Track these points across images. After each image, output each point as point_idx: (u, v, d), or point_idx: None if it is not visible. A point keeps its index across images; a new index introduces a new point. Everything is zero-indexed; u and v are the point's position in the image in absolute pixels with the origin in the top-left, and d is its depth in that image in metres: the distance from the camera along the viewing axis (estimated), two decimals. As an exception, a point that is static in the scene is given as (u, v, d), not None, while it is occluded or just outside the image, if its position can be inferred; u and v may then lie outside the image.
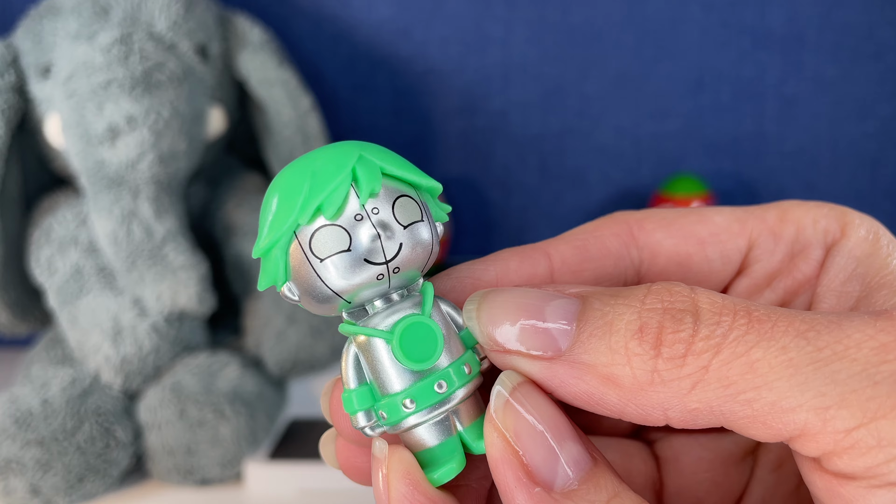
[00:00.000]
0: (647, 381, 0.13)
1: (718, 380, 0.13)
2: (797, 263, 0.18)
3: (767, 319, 0.13)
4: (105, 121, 0.44)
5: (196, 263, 0.45)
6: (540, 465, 0.14)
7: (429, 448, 0.16)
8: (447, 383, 0.16)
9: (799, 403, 0.12)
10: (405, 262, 0.16)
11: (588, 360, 0.14)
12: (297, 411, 0.49)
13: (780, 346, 0.12)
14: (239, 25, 0.52)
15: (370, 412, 0.16)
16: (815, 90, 0.64)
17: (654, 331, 0.13)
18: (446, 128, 0.65)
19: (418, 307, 0.16)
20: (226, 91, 0.51)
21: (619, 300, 0.14)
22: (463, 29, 0.63)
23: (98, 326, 0.45)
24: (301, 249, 0.16)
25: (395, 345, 0.16)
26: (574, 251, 0.18)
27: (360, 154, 0.16)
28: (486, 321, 0.15)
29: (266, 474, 0.43)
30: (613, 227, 0.19)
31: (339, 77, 0.64)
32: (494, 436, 0.14)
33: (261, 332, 0.48)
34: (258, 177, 0.56)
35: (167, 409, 0.43)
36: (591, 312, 0.14)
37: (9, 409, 0.42)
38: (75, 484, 0.41)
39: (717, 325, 0.13)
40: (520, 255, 0.18)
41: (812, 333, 0.12)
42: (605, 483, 0.14)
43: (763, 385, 0.12)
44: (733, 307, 0.13)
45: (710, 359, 0.13)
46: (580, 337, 0.14)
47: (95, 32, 0.45)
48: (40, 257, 0.48)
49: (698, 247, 0.18)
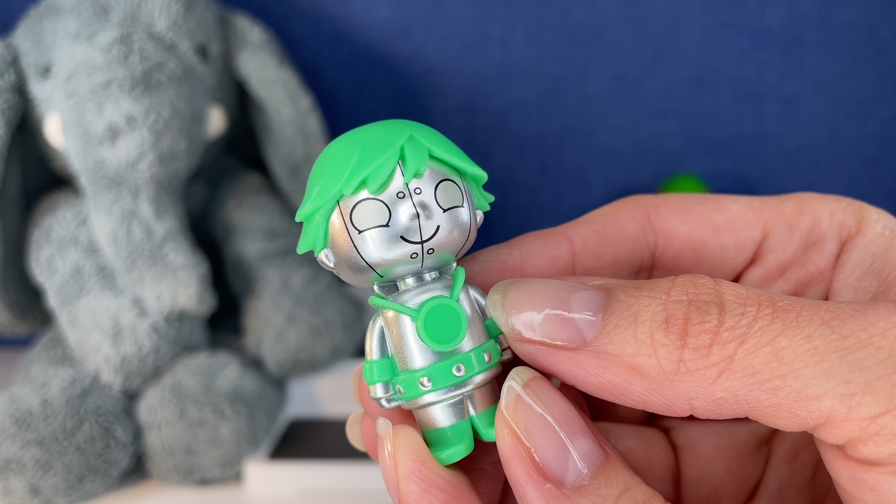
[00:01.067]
0: (673, 371, 0.13)
1: (744, 368, 0.13)
2: (811, 255, 0.18)
3: (792, 309, 0.13)
4: (105, 121, 0.44)
5: (196, 263, 0.45)
6: (551, 461, 0.14)
7: (440, 428, 0.16)
8: (466, 367, 0.16)
9: (825, 391, 0.12)
10: (440, 244, 0.16)
11: (614, 351, 0.14)
12: (297, 411, 0.49)
13: (805, 335, 0.12)
14: (239, 25, 0.52)
15: (388, 385, 0.17)
16: (815, 90, 0.64)
17: (679, 321, 0.13)
18: (446, 128, 0.65)
19: (448, 290, 0.16)
20: (226, 91, 0.51)
21: (644, 292, 0.14)
22: (463, 29, 0.63)
23: (98, 326, 0.45)
24: (342, 218, 0.16)
25: (420, 324, 0.16)
26: (594, 234, 0.19)
27: (410, 134, 0.16)
28: (511, 310, 0.15)
29: (266, 474, 0.43)
30: (631, 211, 0.19)
31: (339, 77, 0.64)
32: (505, 432, 0.14)
33: (261, 332, 0.48)
34: (258, 177, 0.56)
35: (167, 409, 0.43)
36: (616, 304, 0.14)
37: (9, 409, 0.42)
38: (75, 484, 0.41)
39: (742, 316, 0.13)
40: (543, 238, 0.19)
41: (836, 322, 0.12)
42: (616, 477, 0.14)
43: (788, 373, 0.12)
44: (757, 298, 0.13)
45: (736, 348, 0.13)
46: (605, 327, 0.14)
47: (95, 32, 0.45)
48: (40, 257, 0.48)
49: (713, 233, 0.19)
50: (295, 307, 0.48)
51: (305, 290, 0.48)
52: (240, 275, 0.52)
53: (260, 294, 0.50)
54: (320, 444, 0.45)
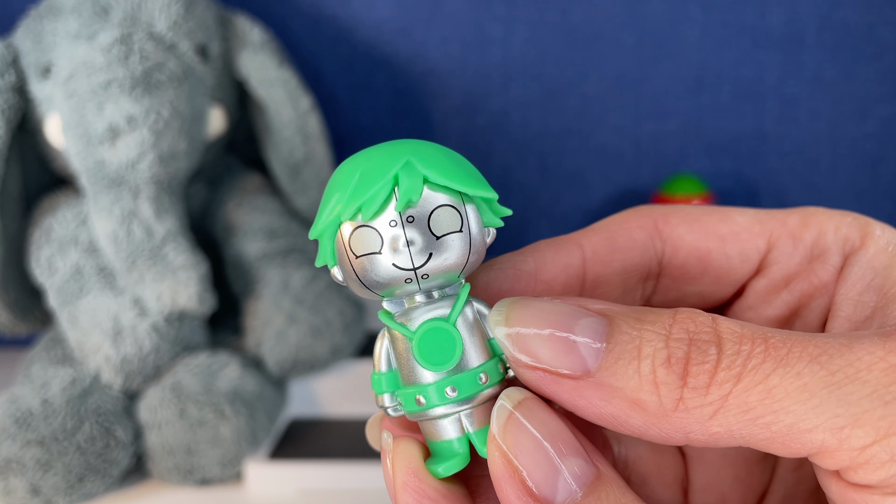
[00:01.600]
0: (672, 408, 0.14)
1: (738, 406, 0.13)
2: (815, 268, 0.19)
3: (783, 346, 0.13)
4: (105, 121, 0.44)
5: (196, 263, 0.45)
6: (541, 483, 0.14)
7: (439, 441, 0.17)
8: (459, 389, 0.16)
9: (815, 425, 0.13)
10: (434, 270, 0.16)
11: (616, 384, 0.14)
12: (298, 411, 0.49)
13: (796, 373, 0.13)
14: (239, 25, 0.52)
15: (393, 396, 0.17)
16: (815, 90, 0.64)
17: (681, 361, 0.14)
18: (446, 128, 0.65)
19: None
20: (226, 91, 0.51)
21: (647, 326, 0.14)
22: (463, 29, 0.63)
23: (98, 326, 0.45)
24: (342, 242, 0.16)
25: (415, 345, 0.16)
26: (604, 242, 0.19)
27: (407, 160, 0.16)
28: (514, 326, 0.15)
29: (266, 474, 0.43)
30: (640, 220, 0.19)
31: (339, 77, 0.64)
32: (496, 455, 0.15)
33: (261, 332, 0.48)
34: (258, 177, 0.56)
35: (167, 408, 0.43)
36: (619, 335, 0.14)
37: (9, 409, 0.42)
38: (75, 484, 0.41)
39: (738, 355, 0.13)
40: (555, 246, 0.19)
41: (825, 357, 0.13)
42: (607, 495, 0.14)
43: (780, 409, 0.13)
44: (752, 335, 0.14)
45: (731, 387, 0.13)
46: (608, 359, 0.14)
47: (95, 32, 0.45)
48: (40, 257, 0.48)
49: (718, 243, 0.19)
50: (295, 307, 0.48)
51: (305, 290, 0.48)
52: (240, 275, 0.52)
53: (260, 294, 0.50)
54: (320, 444, 0.45)
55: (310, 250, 0.53)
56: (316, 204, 0.54)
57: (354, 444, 0.45)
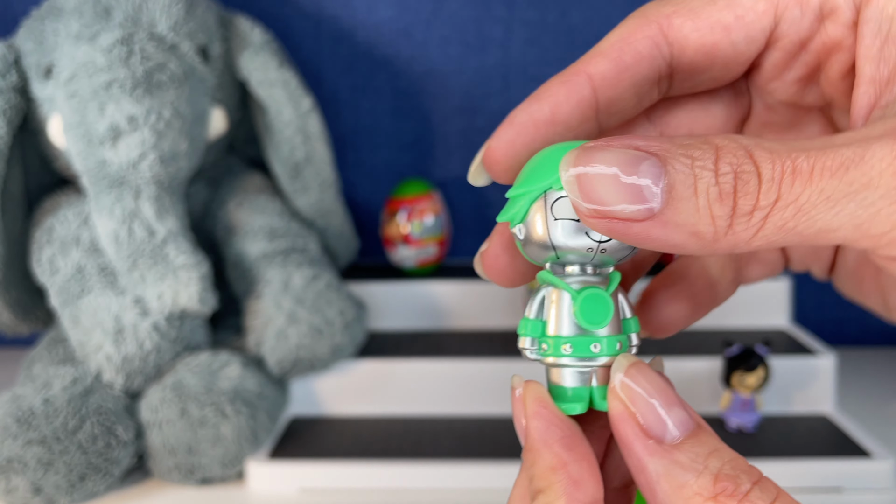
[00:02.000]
0: (723, 234, 0.16)
1: (775, 223, 0.16)
2: (825, 27, 0.20)
3: (807, 167, 0.16)
4: (106, 121, 0.44)
5: (197, 263, 0.45)
6: (652, 424, 0.17)
7: (564, 387, 0.20)
8: (601, 347, 0.19)
9: (840, 224, 0.16)
10: (612, 248, 0.19)
11: (679, 221, 0.16)
12: (298, 410, 0.49)
13: (820, 189, 0.16)
14: (240, 26, 0.52)
15: (535, 340, 0.20)
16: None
17: (730, 196, 0.16)
18: (446, 128, 0.65)
19: (603, 284, 0.20)
20: (227, 92, 0.51)
21: (697, 162, 0.16)
22: (463, 29, 0.63)
23: (99, 326, 0.45)
24: (544, 205, 0.19)
25: (578, 303, 0.19)
26: (611, 65, 0.21)
27: None
28: (585, 165, 0.17)
29: (267, 473, 0.43)
30: (644, 30, 0.21)
31: (340, 78, 0.64)
32: (616, 402, 0.18)
33: (262, 331, 0.48)
34: (259, 177, 0.56)
35: (168, 408, 0.43)
36: (675, 175, 0.16)
37: (11, 409, 0.42)
38: (77, 483, 0.41)
39: (773, 181, 0.16)
40: (566, 84, 0.20)
41: (842, 171, 0.16)
42: (706, 440, 0.17)
43: (809, 219, 0.16)
44: (781, 157, 0.16)
45: (770, 209, 0.16)
46: (671, 199, 0.16)
47: (97, 33, 0.46)
48: (42, 257, 0.48)
49: (723, 34, 0.20)
50: (296, 307, 0.48)
51: (306, 289, 0.49)
52: (241, 274, 0.52)
53: (261, 294, 0.50)
54: (321, 444, 0.46)
55: (310, 250, 0.53)
56: (316, 204, 0.54)
57: (355, 443, 0.46)
